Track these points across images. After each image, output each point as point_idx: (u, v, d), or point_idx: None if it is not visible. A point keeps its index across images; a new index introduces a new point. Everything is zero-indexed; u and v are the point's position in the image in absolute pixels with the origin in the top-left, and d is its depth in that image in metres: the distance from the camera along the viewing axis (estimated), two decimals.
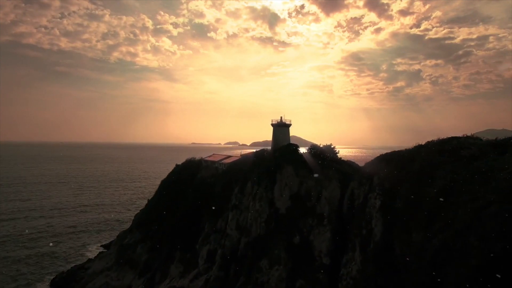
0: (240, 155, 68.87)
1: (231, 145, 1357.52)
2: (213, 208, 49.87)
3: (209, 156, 68.71)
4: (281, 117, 52.26)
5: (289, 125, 52.61)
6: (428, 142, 41.42)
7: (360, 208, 39.40)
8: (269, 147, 58.48)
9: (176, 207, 57.98)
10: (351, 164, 58.01)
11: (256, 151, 57.06)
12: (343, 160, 61.70)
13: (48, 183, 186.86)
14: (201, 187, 55.94)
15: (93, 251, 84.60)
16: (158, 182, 79.72)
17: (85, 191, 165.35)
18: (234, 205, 47.16)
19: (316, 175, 45.08)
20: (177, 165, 70.42)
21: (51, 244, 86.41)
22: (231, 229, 45.85)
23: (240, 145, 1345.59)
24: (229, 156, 63.14)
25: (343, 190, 44.22)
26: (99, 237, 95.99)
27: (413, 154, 37.15)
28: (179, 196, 59.28)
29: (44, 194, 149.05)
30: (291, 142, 56.91)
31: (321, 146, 64.91)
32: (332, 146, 62.82)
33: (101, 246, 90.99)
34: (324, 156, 59.56)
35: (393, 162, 38.51)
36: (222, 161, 60.43)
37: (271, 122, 52.31)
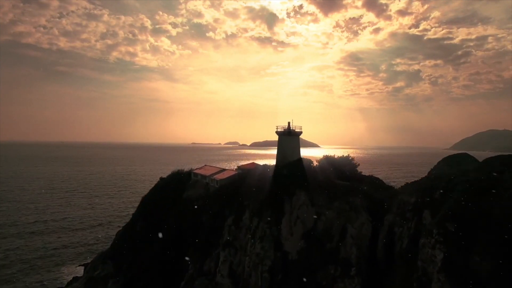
0: (237, 167, 56.83)
1: (231, 145, 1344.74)
2: (199, 242, 37.88)
3: (200, 168, 56.67)
4: (288, 123, 40.26)
5: (299, 133, 40.59)
6: (502, 158, 29.44)
7: (406, 257, 27.45)
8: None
9: (156, 236, 46.04)
10: (377, 182, 45.87)
11: (257, 167, 45.04)
12: (366, 176, 49.67)
13: (36, 189, 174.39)
14: (186, 212, 43.96)
15: (74, 272, 72.60)
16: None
17: (75, 199, 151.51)
18: (227, 242, 35.13)
19: None
20: (161, 179, 58.38)
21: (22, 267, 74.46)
22: (222, 275, 33.81)
23: (240, 145, 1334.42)
24: (223, 170, 51.12)
25: (376, 225, 32.35)
26: (79, 260, 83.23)
27: (491, 180, 25.25)
28: (160, 221, 47.39)
29: (28, 205, 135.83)
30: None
31: (336, 157, 52.91)
32: (351, 158, 50.80)
33: (80, 265, 79.23)
34: (342, 171, 47.60)
35: (456, 189, 26.49)
36: (214, 176, 48.45)
37: (276, 130, 40.32)
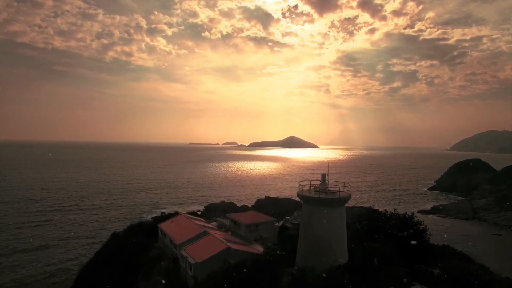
0: (227, 216, 37.06)
1: (229, 146, 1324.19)
2: None
3: (171, 222, 36.87)
4: (323, 177, 20.66)
5: (347, 199, 20.90)
6: None
7: None
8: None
9: None
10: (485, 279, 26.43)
11: (257, 262, 25.24)
12: (441, 250, 30.05)
13: (8, 205, 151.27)
14: None
15: None
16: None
17: (50, 216, 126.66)
18: None
19: None
20: (113, 236, 38.97)
21: None
22: None
23: (238, 145, 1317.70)
24: (204, 234, 31.38)
25: None
26: None
27: None
28: None
29: None
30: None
31: (386, 213, 33.11)
32: (416, 220, 31.04)
33: None
34: (401, 241, 28.00)
35: None
36: (188, 248, 28.87)
37: (298, 191, 20.70)
